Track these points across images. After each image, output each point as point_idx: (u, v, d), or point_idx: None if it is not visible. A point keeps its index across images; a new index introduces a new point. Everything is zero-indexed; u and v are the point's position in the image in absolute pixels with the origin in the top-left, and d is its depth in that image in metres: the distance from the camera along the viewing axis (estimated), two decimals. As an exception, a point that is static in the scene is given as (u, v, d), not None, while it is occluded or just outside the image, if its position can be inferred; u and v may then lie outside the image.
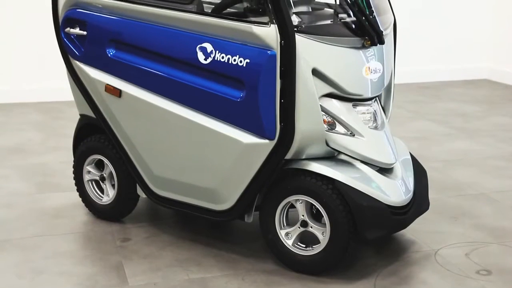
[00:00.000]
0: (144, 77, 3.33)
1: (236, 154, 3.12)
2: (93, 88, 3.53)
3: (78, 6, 3.49)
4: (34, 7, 6.13)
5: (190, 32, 3.13)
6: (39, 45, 6.24)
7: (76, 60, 3.55)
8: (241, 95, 3.03)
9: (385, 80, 3.27)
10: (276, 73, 2.92)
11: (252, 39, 2.94)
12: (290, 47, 2.87)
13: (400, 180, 3.23)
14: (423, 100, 6.72)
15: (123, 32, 3.37)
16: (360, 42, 3.07)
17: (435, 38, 7.54)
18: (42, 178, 4.43)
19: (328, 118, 3.07)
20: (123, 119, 3.47)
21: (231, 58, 3.01)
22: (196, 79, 3.16)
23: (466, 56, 7.70)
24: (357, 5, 3.08)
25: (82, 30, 3.48)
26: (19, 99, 6.33)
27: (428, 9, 7.43)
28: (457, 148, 5.18)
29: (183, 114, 3.22)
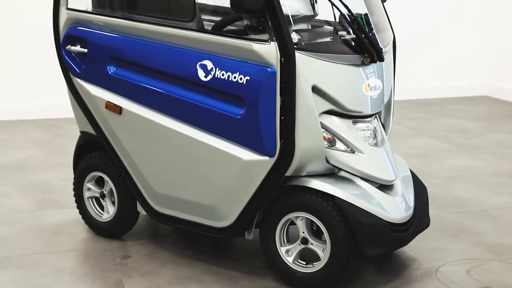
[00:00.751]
0: (145, 94, 3.34)
1: (236, 171, 3.12)
2: (93, 105, 3.54)
3: (79, 24, 3.51)
4: (35, 24, 6.15)
5: (190, 49, 3.15)
6: (40, 62, 6.26)
7: (76, 77, 3.57)
8: (241, 112, 3.03)
9: (385, 97, 3.28)
10: (276, 90, 2.92)
11: (252, 56, 2.96)
12: (290, 64, 2.88)
13: (400, 197, 3.23)
14: (423, 117, 6.73)
15: (124, 49, 3.38)
16: (360, 59, 3.08)
17: (435, 55, 7.57)
18: (42, 195, 4.43)
19: (328, 135, 3.07)
20: (123, 136, 3.47)
21: (231, 75, 3.02)
22: (196, 96, 3.17)
23: (465, 73, 7.73)
24: (357, 22, 3.10)
25: (83, 48, 3.50)
26: (20, 116, 6.34)
27: (427, 27, 7.47)
28: (457, 164, 5.18)
29: (184, 131, 3.23)
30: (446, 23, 7.55)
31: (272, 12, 2.89)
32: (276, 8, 2.88)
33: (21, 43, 6.29)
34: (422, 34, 7.44)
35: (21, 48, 6.30)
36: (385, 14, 3.41)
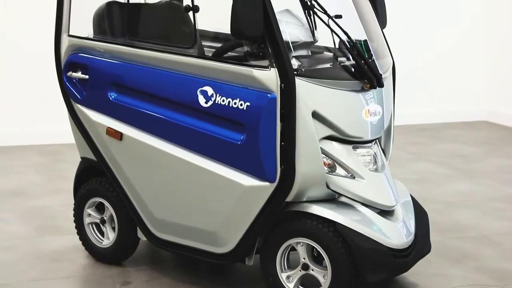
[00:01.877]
0: (145, 120, 3.35)
1: (236, 197, 3.12)
2: (94, 131, 3.55)
3: (81, 50, 3.54)
4: (35, 50, 6.19)
5: (191, 75, 3.16)
6: (40, 88, 6.28)
7: (77, 103, 3.58)
8: (242, 137, 3.04)
9: (384, 122, 3.29)
10: (277, 116, 2.94)
11: (252, 82, 2.97)
12: (290, 90, 2.90)
13: (401, 222, 3.23)
14: (423, 142, 6.74)
15: (125, 75, 3.40)
16: (360, 85, 3.10)
17: (434, 80, 7.60)
18: (42, 221, 4.42)
19: (329, 160, 3.08)
20: (124, 161, 3.48)
21: (231, 101, 3.03)
22: (196, 122, 3.18)
23: (465, 98, 7.75)
24: (356, 49, 3.12)
25: (84, 74, 3.52)
26: (20, 142, 6.35)
27: (426, 52, 7.51)
28: (457, 189, 5.18)
29: (184, 157, 3.23)
30: (445, 49, 7.59)
31: (272, 38, 2.91)
32: (276, 35, 2.90)
33: (21, 69, 6.31)
34: (422, 59, 7.48)
35: (21, 74, 6.32)
36: (385, 40, 3.43)
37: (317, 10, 3.22)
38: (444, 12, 7.53)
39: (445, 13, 7.54)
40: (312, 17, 3.37)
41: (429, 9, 7.45)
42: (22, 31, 6.29)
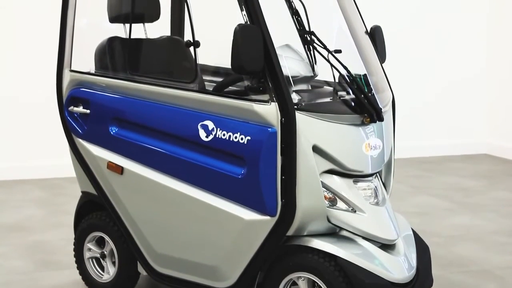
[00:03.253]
0: (146, 154, 3.35)
1: (237, 231, 3.11)
2: (95, 165, 3.56)
3: (82, 85, 3.56)
4: (36, 85, 6.23)
5: (191, 109, 3.18)
6: (40, 122, 6.30)
7: (79, 137, 3.59)
8: (242, 172, 3.04)
9: (385, 156, 3.29)
10: (277, 150, 2.94)
11: (253, 116, 2.98)
12: (291, 125, 2.91)
13: (402, 256, 3.21)
14: (424, 175, 6.74)
15: (126, 110, 3.42)
16: (360, 119, 3.11)
17: (434, 113, 7.62)
18: (42, 255, 4.40)
19: (329, 194, 3.07)
20: (124, 196, 3.48)
21: (232, 136, 3.04)
22: (197, 156, 3.18)
23: (465, 131, 7.77)
24: (356, 83, 3.14)
25: (86, 109, 3.54)
26: (21, 176, 6.35)
27: (426, 85, 7.55)
28: (459, 223, 5.16)
29: (185, 191, 3.23)
30: (446, 82, 7.63)
31: (272, 73, 2.93)
32: (276, 70, 2.92)
33: (21, 103, 6.34)
34: (422, 93, 7.52)
35: (22, 108, 6.35)
36: (384, 74, 3.45)
37: (317, 45, 3.25)
38: (444, 46, 7.59)
39: (445, 47, 7.60)
40: (312, 51, 3.40)
41: (429, 43, 7.51)
42: (23, 65, 6.33)
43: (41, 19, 6.18)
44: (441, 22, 7.55)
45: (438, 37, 7.55)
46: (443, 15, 7.54)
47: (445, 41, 7.58)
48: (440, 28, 7.55)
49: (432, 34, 7.51)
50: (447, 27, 7.58)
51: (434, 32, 7.52)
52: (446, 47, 7.60)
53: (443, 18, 7.55)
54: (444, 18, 7.55)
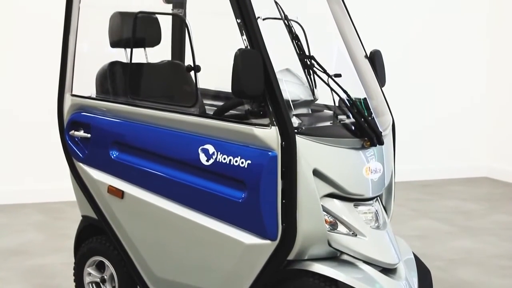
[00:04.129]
0: (147, 178, 3.36)
1: (237, 255, 3.10)
2: (95, 189, 3.56)
3: (83, 109, 3.58)
4: (37, 109, 6.24)
5: (192, 134, 3.19)
6: (40, 146, 6.31)
7: (79, 161, 3.60)
8: (243, 195, 3.04)
9: (385, 179, 3.29)
10: (277, 174, 2.94)
11: (253, 140, 2.99)
12: (291, 148, 2.91)
13: (404, 280, 3.19)
14: (424, 198, 6.73)
15: (127, 134, 3.43)
16: (360, 143, 3.11)
17: (435, 136, 7.64)
18: (42, 280, 4.38)
19: (330, 218, 3.07)
20: (124, 220, 3.47)
21: (232, 159, 3.05)
22: (198, 180, 3.19)
23: (465, 155, 7.78)
24: (356, 107, 3.15)
25: (86, 133, 3.55)
26: (21, 200, 6.35)
27: (426, 109, 7.57)
28: (460, 246, 5.15)
29: (185, 215, 3.22)
30: (446, 105, 7.65)
31: (272, 97, 2.94)
32: (276, 94, 2.93)
33: (22, 126, 6.35)
34: (422, 116, 7.54)
35: (22, 132, 6.36)
36: (384, 98, 3.47)
37: (317, 69, 3.27)
38: (445, 69, 7.63)
39: (446, 70, 7.63)
40: (312, 76, 3.41)
41: (430, 66, 7.55)
42: (23, 89, 6.36)
43: (43, 44, 6.22)
44: (442, 45, 7.59)
45: (438, 61, 7.59)
46: (443, 38, 7.59)
47: (446, 64, 7.62)
48: (441, 51, 7.59)
49: (432, 58, 7.55)
50: (447, 50, 7.62)
51: (435, 55, 7.56)
52: (447, 70, 7.63)
53: (443, 40, 7.59)
54: (445, 41, 7.60)
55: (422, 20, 7.49)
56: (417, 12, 7.47)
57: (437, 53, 7.57)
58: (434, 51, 7.56)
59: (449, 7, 7.59)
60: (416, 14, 7.47)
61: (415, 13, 7.47)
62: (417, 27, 7.47)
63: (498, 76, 7.69)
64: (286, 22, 3.35)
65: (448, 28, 7.59)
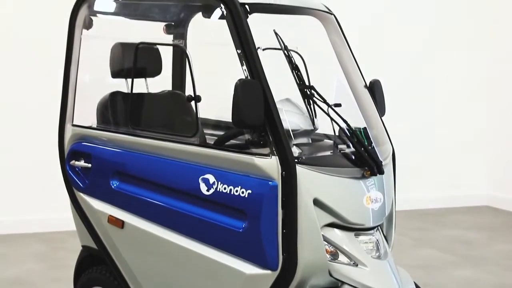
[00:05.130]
0: (147, 208, 3.35)
1: (238, 285, 3.08)
2: (95, 219, 3.55)
3: (84, 139, 3.59)
4: (37, 140, 6.25)
5: (193, 163, 3.19)
6: (41, 175, 6.31)
7: (80, 191, 3.60)
8: (243, 225, 3.04)
9: (386, 209, 3.29)
10: (278, 203, 2.94)
11: (253, 170, 2.99)
12: (291, 178, 2.91)
13: (405, 311, 3.17)
14: (426, 227, 6.71)
15: (127, 164, 3.43)
16: (360, 172, 3.12)
17: (435, 165, 7.64)
18: (41, 311, 4.35)
19: (331, 248, 3.06)
20: (125, 249, 3.46)
21: (233, 189, 3.05)
22: (198, 209, 3.18)
23: (466, 183, 7.77)
24: (356, 136, 3.16)
25: (87, 163, 3.55)
26: (21, 230, 6.32)
27: (426, 137, 7.58)
28: (462, 276, 5.11)
29: (185, 245, 3.21)
30: (446, 134, 7.67)
31: (272, 127, 2.95)
32: (276, 123, 2.94)
33: (22, 156, 6.36)
34: (422, 145, 7.54)
35: (22, 162, 6.36)
36: (384, 127, 3.48)
37: (317, 99, 3.28)
38: (445, 97, 7.65)
39: (447, 98, 7.66)
40: (312, 105, 3.43)
41: (430, 95, 7.58)
42: (24, 118, 6.38)
43: (43, 74, 6.26)
44: (442, 75, 7.63)
45: (439, 90, 7.62)
46: (444, 68, 7.63)
47: (447, 93, 7.65)
48: (442, 81, 7.63)
49: (433, 87, 7.59)
50: (448, 80, 7.66)
51: (435, 85, 7.60)
52: (448, 99, 7.66)
53: (444, 70, 7.63)
54: (445, 70, 7.64)
55: (422, 49, 7.54)
56: (417, 42, 7.52)
57: (438, 83, 7.61)
58: (434, 80, 7.59)
59: (450, 39, 7.64)
60: (417, 44, 7.52)
61: (415, 43, 7.52)
62: (418, 56, 7.52)
63: (498, 105, 7.72)
64: (286, 52, 3.37)
65: (449, 58, 7.63)
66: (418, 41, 7.53)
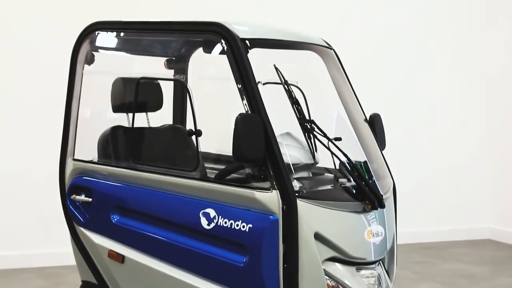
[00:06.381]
0: (147, 242, 3.34)
1: (239, 320, 3.06)
2: (96, 253, 3.54)
3: (85, 174, 3.59)
4: (38, 175, 6.24)
5: (193, 197, 3.19)
6: (40, 209, 6.29)
7: (80, 226, 3.59)
8: (244, 260, 3.02)
9: (387, 243, 3.28)
10: (279, 237, 2.93)
11: (254, 204, 2.99)
12: (292, 212, 2.91)
13: None
14: (428, 261, 6.67)
15: (128, 198, 3.43)
16: (361, 206, 3.11)
17: (436, 198, 7.62)
18: None
19: (332, 282, 3.04)
20: (125, 284, 3.44)
21: (233, 223, 3.04)
22: (199, 244, 3.17)
23: (467, 217, 7.74)
24: (357, 170, 3.16)
25: (88, 197, 3.55)
26: (21, 265, 6.28)
27: (427, 171, 7.57)
28: (465, 311, 5.07)
29: (186, 280, 3.19)
30: (447, 168, 7.66)
31: (273, 161, 2.96)
32: (277, 158, 2.95)
33: (22, 191, 6.34)
34: (423, 178, 7.53)
35: (22, 197, 6.34)
36: (384, 161, 3.48)
37: (317, 133, 3.29)
38: (444, 129, 7.66)
39: (446, 131, 7.66)
40: (312, 139, 3.44)
41: (430, 129, 7.58)
42: (24, 153, 6.38)
43: (46, 108, 6.28)
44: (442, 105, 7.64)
45: (439, 123, 7.63)
46: (443, 101, 7.65)
47: (447, 126, 7.66)
48: (441, 112, 7.63)
49: (433, 120, 7.60)
50: (448, 110, 7.66)
51: (435, 117, 7.61)
52: (448, 131, 7.66)
53: (443, 104, 7.65)
54: (444, 102, 7.65)
55: (420, 82, 7.57)
56: (415, 74, 7.56)
57: (438, 115, 7.62)
58: (434, 112, 7.60)
59: (449, 68, 7.68)
60: (415, 75, 7.55)
61: (413, 75, 7.55)
62: (416, 89, 7.55)
63: (499, 138, 7.73)
64: (286, 87, 3.39)
65: (447, 89, 7.66)
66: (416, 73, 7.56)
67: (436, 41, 7.61)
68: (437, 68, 7.63)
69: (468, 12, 7.73)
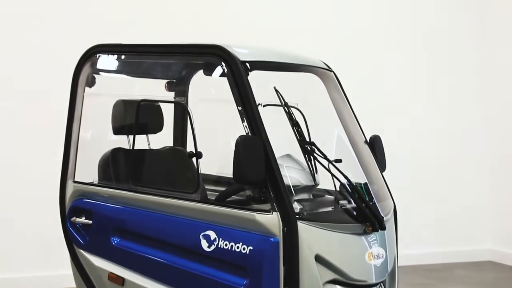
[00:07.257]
0: (147, 264, 3.33)
1: None
2: (96, 276, 3.52)
3: (85, 196, 3.59)
4: (37, 197, 6.23)
5: (194, 220, 3.18)
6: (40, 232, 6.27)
7: (80, 248, 3.58)
8: (245, 282, 3.01)
9: (388, 265, 3.27)
10: (279, 260, 2.92)
11: (255, 226, 2.98)
12: (293, 234, 2.90)
13: None
14: (429, 283, 6.63)
15: (128, 220, 3.43)
16: (362, 228, 3.11)
17: (437, 220, 7.60)
18: None
19: (333, 305, 3.03)
20: (125, 307, 3.43)
21: (234, 246, 3.03)
22: (199, 266, 3.16)
23: (468, 238, 7.72)
24: (357, 192, 3.16)
25: (88, 219, 3.55)
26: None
27: (428, 191, 7.56)
28: (466, 333, 5.03)
29: (186, 302, 3.19)
30: (447, 189, 7.65)
31: (273, 183, 2.96)
32: (277, 179, 2.95)
33: (21, 213, 6.32)
34: (423, 199, 7.52)
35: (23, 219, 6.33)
36: (385, 183, 3.48)
37: (317, 155, 3.30)
38: (445, 153, 7.66)
39: (447, 154, 7.67)
40: (313, 161, 3.44)
41: (430, 152, 7.58)
42: (25, 177, 6.37)
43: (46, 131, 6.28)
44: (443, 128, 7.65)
45: (440, 145, 7.63)
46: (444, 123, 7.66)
47: (447, 148, 7.66)
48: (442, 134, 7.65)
49: (434, 141, 7.61)
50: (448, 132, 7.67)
51: (436, 139, 7.61)
52: (449, 155, 7.66)
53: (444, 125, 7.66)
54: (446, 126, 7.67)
55: (422, 103, 7.59)
56: (417, 96, 7.58)
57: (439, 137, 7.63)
58: (435, 134, 7.61)
59: (449, 93, 7.70)
60: (416, 98, 7.57)
61: (414, 97, 7.57)
62: (417, 111, 7.56)
63: (500, 159, 7.73)
64: (286, 109, 3.40)
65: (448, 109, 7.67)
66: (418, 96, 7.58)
67: (442, 63, 7.64)
68: (438, 96, 7.65)
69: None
